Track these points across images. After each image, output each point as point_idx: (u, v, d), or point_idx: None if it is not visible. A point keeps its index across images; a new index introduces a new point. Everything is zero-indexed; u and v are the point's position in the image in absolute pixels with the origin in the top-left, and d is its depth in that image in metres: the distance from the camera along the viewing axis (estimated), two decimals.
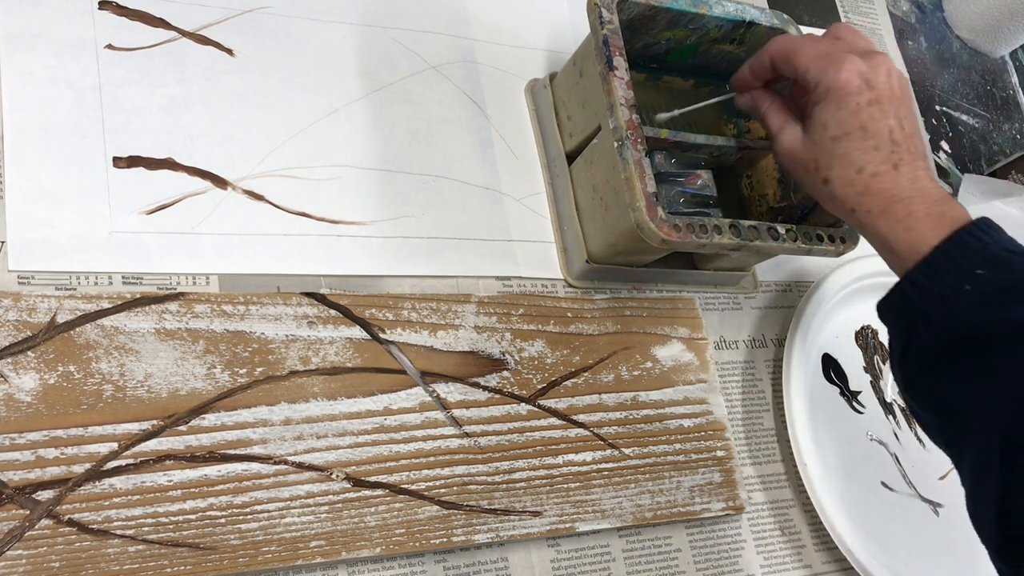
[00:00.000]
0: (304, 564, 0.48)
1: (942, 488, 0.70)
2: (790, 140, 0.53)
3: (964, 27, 0.95)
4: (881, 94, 0.50)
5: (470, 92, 0.64)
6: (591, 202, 0.60)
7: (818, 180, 0.51)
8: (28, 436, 0.45)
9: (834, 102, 0.50)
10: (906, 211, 0.48)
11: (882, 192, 0.49)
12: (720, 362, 0.66)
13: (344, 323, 0.53)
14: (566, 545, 0.56)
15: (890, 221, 0.49)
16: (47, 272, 0.48)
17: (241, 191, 0.54)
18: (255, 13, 0.59)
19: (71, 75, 0.52)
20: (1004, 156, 0.91)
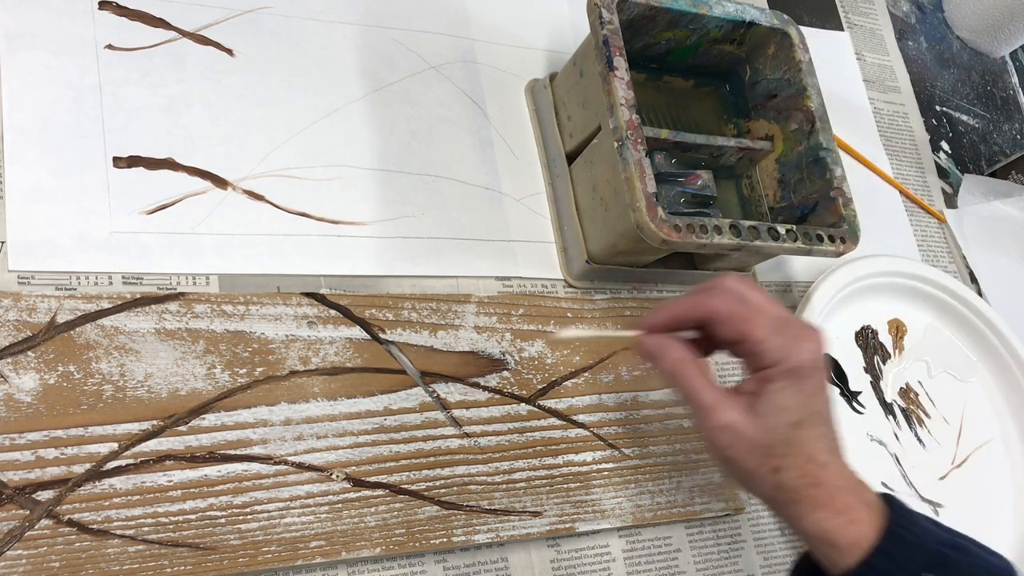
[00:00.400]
0: (304, 564, 0.48)
1: (942, 488, 0.70)
2: (735, 418, 0.46)
3: (964, 27, 0.95)
4: (823, 374, 0.47)
5: (470, 92, 0.64)
6: (591, 202, 0.60)
7: (765, 467, 0.46)
8: (28, 436, 0.45)
9: (797, 384, 0.45)
10: (846, 503, 0.46)
11: (828, 483, 0.45)
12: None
13: (344, 323, 0.53)
14: (566, 545, 0.56)
15: (834, 515, 0.45)
16: (47, 272, 0.48)
17: (241, 191, 0.54)
18: (255, 13, 0.59)
19: (71, 75, 0.52)
20: (1004, 156, 0.91)
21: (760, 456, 0.46)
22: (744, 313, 0.47)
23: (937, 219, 0.83)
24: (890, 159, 0.83)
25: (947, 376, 0.74)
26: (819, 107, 0.63)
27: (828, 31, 0.86)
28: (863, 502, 0.46)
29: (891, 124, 0.85)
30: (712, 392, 0.47)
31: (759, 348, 0.46)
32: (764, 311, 0.47)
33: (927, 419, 0.72)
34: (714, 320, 0.48)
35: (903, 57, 0.89)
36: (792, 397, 0.45)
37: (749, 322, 0.47)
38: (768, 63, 0.66)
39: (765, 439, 0.46)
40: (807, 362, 0.45)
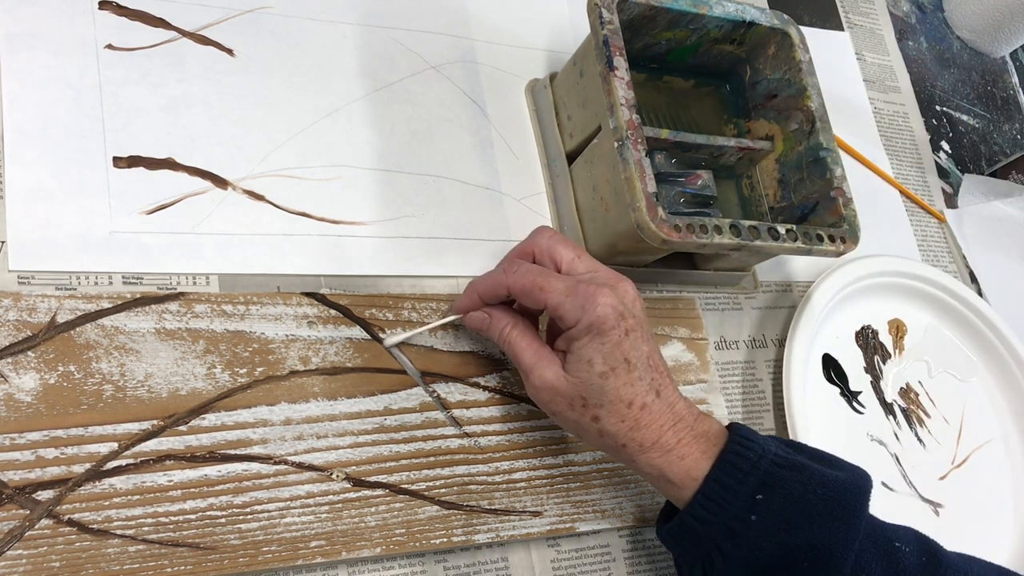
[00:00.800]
0: (304, 564, 0.48)
1: (942, 488, 0.70)
2: (551, 376, 0.49)
3: (964, 27, 0.95)
4: (632, 323, 0.49)
5: (470, 92, 0.64)
6: (591, 202, 0.60)
7: (586, 417, 0.49)
8: (28, 436, 0.45)
9: (598, 338, 0.48)
10: (676, 439, 0.49)
11: (651, 424, 0.49)
12: (720, 362, 0.66)
13: (344, 323, 0.53)
14: (566, 545, 0.56)
15: (663, 452, 0.48)
16: (47, 272, 0.48)
17: (241, 191, 0.54)
18: (255, 13, 0.59)
19: (71, 75, 0.52)
20: (1004, 156, 0.91)
21: (579, 408, 0.49)
22: (538, 283, 0.49)
23: (937, 219, 0.83)
24: (890, 159, 0.83)
25: (947, 376, 0.74)
26: (819, 107, 0.64)
27: (828, 31, 0.86)
28: (695, 435, 0.49)
29: (891, 124, 0.85)
30: (531, 353, 0.50)
31: (558, 313, 0.49)
32: (556, 277, 0.49)
33: (927, 419, 0.72)
34: (513, 296, 0.51)
35: (903, 57, 0.89)
36: (595, 350, 0.48)
37: (543, 291, 0.49)
38: (768, 63, 0.66)
39: (578, 391, 0.49)
40: (601, 316, 0.47)
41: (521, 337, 0.51)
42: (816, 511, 0.47)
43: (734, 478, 0.47)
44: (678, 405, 0.50)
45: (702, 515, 0.48)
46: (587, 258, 0.52)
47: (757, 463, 0.47)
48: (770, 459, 0.48)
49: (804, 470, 0.48)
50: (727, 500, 0.47)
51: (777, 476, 0.47)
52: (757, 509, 0.47)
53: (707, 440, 0.49)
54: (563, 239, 0.52)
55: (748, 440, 0.49)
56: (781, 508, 0.47)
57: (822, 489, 0.47)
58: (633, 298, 0.50)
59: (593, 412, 0.49)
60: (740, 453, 0.48)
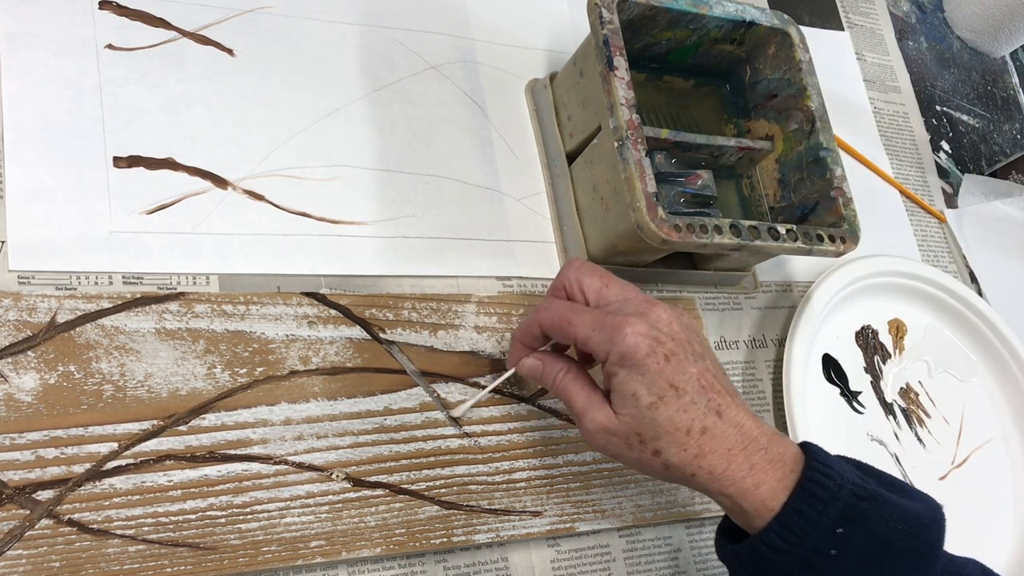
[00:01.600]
0: (304, 564, 0.48)
1: (942, 488, 0.70)
2: (603, 418, 0.47)
3: (964, 27, 0.95)
4: (672, 346, 0.46)
5: (470, 92, 0.64)
6: (591, 202, 0.60)
7: (647, 453, 0.47)
8: (28, 436, 0.45)
9: (635, 369, 0.46)
10: (748, 466, 0.46)
11: (717, 449, 0.46)
12: (720, 362, 0.66)
13: (344, 323, 0.53)
14: (566, 545, 0.56)
15: (735, 480, 0.46)
16: (47, 272, 0.48)
17: (241, 191, 0.54)
18: (255, 13, 0.59)
19: (71, 75, 0.52)
20: (1004, 156, 0.91)
21: (637, 446, 0.47)
22: (567, 317, 0.48)
23: (937, 219, 0.83)
24: (890, 159, 0.83)
25: (947, 376, 0.74)
26: (819, 107, 0.64)
27: (828, 31, 0.86)
28: (769, 460, 0.46)
29: (891, 124, 0.85)
30: (582, 398, 0.49)
31: (588, 348, 0.47)
32: (584, 310, 0.48)
33: (927, 419, 0.72)
34: (547, 332, 0.50)
35: (903, 57, 0.89)
36: (636, 383, 0.46)
37: (572, 326, 0.48)
38: (768, 63, 0.66)
39: (632, 429, 0.47)
40: (632, 346, 0.45)
41: (573, 382, 0.49)
42: (897, 547, 0.44)
43: (815, 509, 0.44)
44: (747, 424, 0.47)
45: (778, 545, 0.45)
46: (617, 285, 0.50)
47: (837, 493, 0.45)
48: (849, 489, 0.45)
49: (885, 504, 0.45)
50: (806, 532, 0.44)
51: (859, 509, 0.44)
52: (838, 543, 0.44)
53: (783, 465, 0.46)
54: (591, 269, 0.50)
55: (826, 466, 0.46)
56: (863, 543, 0.44)
57: (903, 525, 0.45)
58: (668, 321, 0.47)
59: (652, 447, 0.46)
60: (820, 482, 0.45)
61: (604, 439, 0.48)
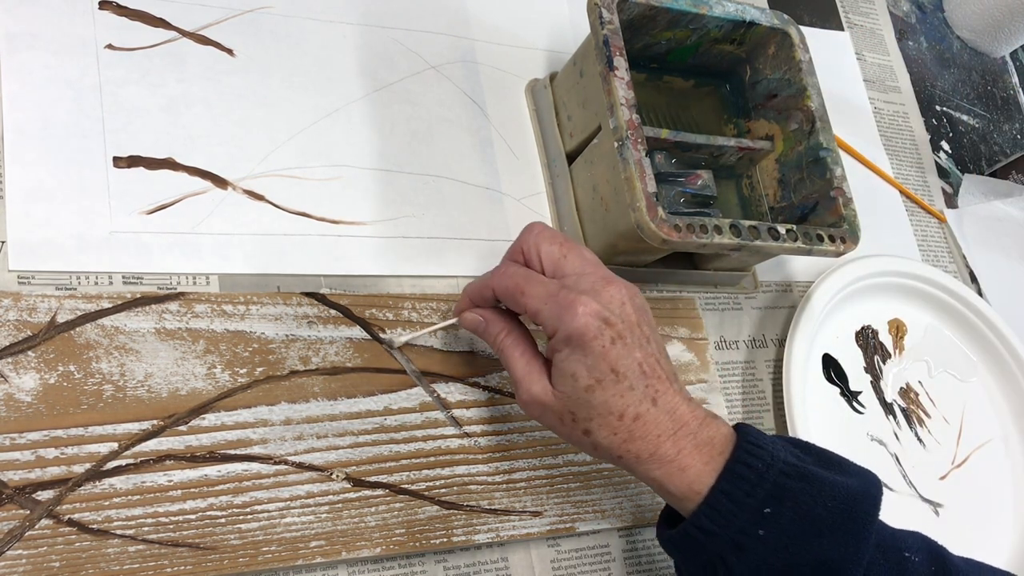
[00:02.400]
0: (304, 564, 0.48)
1: (942, 488, 0.70)
2: (539, 390, 0.47)
3: (964, 27, 0.95)
4: (621, 328, 0.46)
5: (470, 92, 0.64)
6: (591, 202, 0.60)
7: (577, 431, 0.47)
8: (28, 436, 0.45)
9: (579, 350, 0.45)
10: (675, 449, 0.46)
11: (647, 435, 0.46)
12: (720, 362, 0.66)
13: (344, 323, 0.53)
14: (566, 545, 0.56)
15: (661, 464, 0.46)
16: (47, 272, 0.48)
17: (241, 191, 0.54)
18: (255, 13, 0.59)
19: (71, 75, 0.52)
20: (1004, 156, 0.91)
21: (569, 423, 0.47)
22: (520, 286, 0.47)
23: (937, 219, 0.83)
24: (890, 159, 0.83)
25: (947, 376, 0.74)
26: (819, 107, 0.64)
27: (828, 31, 0.86)
28: (698, 443, 0.46)
29: (891, 124, 0.85)
30: (522, 365, 0.48)
31: (538, 321, 0.47)
32: (538, 281, 0.47)
33: (927, 419, 0.72)
34: (500, 297, 0.49)
35: (903, 57, 0.89)
36: (577, 363, 0.45)
37: (524, 295, 0.47)
38: (768, 63, 0.66)
39: (566, 406, 0.47)
40: (580, 327, 0.45)
41: (514, 346, 0.49)
42: (826, 525, 0.44)
43: (741, 490, 0.45)
44: (680, 409, 0.47)
45: (707, 527, 0.45)
46: (576, 255, 0.48)
47: (765, 473, 0.45)
48: (779, 468, 0.45)
49: (814, 480, 0.45)
50: (734, 513, 0.44)
51: (787, 488, 0.45)
52: (765, 523, 0.44)
53: (711, 448, 0.46)
54: (551, 235, 0.49)
55: (756, 447, 0.46)
56: (790, 522, 0.44)
57: (833, 501, 0.45)
58: (621, 302, 0.46)
59: (583, 426, 0.47)
60: (748, 463, 0.45)
61: (537, 411, 0.48)
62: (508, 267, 0.49)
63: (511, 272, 0.49)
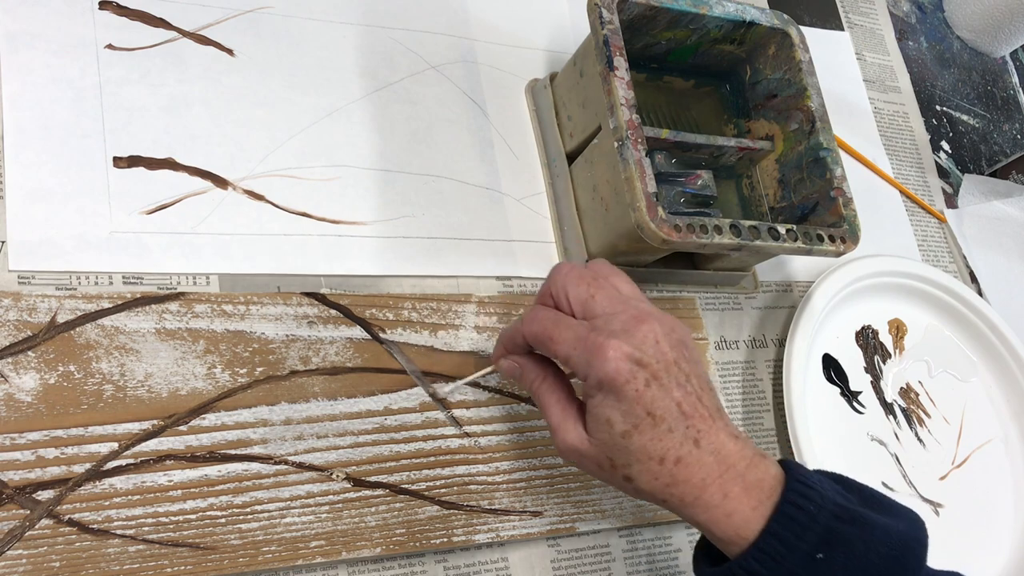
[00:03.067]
0: (304, 564, 0.48)
1: (942, 488, 0.70)
2: (575, 439, 0.46)
3: (964, 27, 0.95)
4: (656, 369, 0.44)
5: (470, 92, 0.64)
6: (591, 202, 0.60)
7: (618, 478, 0.45)
8: (28, 436, 0.45)
9: (612, 395, 0.44)
10: (722, 494, 0.44)
11: (691, 478, 0.44)
12: (720, 362, 0.66)
13: (344, 323, 0.53)
14: (566, 545, 0.56)
15: (707, 509, 0.44)
16: (47, 272, 0.48)
17: (241, 191, 0.54)
18: (255, 13, 0.59)
19: (71, 75, 0.52)
20: (1004, 156, 0.91)
21: (608, 469, 0.45)
22: (549, 332, 0.46)
23: (937, 219, 0.83)
24: (890, 159, 0.83)
25: (947, 376, 0.74)
26: (819, 107, 0.64)
27: (828, 31, 0.86)
28: (745, 487, 0.44)
29: (891, 124, 0.85)
30: (556, 412, 0.47)
31: (569, 367, 0.46)
32: (567, 325, 0.46)
33: (927, 419, 0.72)
34: (531, 343, 0.48)
35: (903, 57, 0.89)
36: (611, 410, 0.44)
37: (553, 342, 0.46)
38: (768, 63, 0.66)
39: (603, 454, 0.45)
40: (611, 373, 0.43)
41: (549, 393, 0.48)
42: (876, 571, 0.43)
43: (793, 533, 0.43)
44: (726, 450, 0.45)
45: (755, 569, 0.43)
46: (605, 295, 0.46)
47: (817, 516, 0.43)
48: (830, 511, 0.43)
49: (866, 525, 0.43)
50: (784, 557, 0.43)
51: (839, 533, 0.43)
52: (817, 569, 0.42)
53: (760, 491, 0.44)
54: (579, 276, 0.47)
55: (806, 487, 0.44)
56: (843, 570, 0.42)
57: (884, 548, 0.43)
58: (656, 340, 0.44)
59: (623, 472, 0.45)
60: (799, 505, 0.43)
61: (575, 458, 0.47)
62: (537, 312, 0.48)
63: (540, 317, 0.47)
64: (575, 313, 0.47)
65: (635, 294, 0.48)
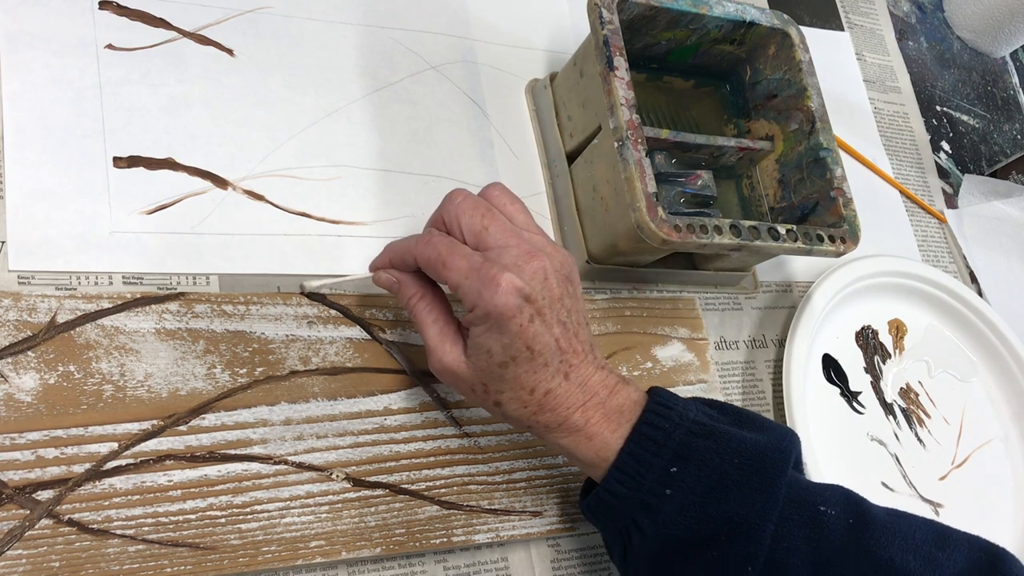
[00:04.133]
0: (304, 564, 0.48)
1: (942, 488, 0.70)
2: (452, 360, 0.47)
3: (964, 27, 0.95)
4: (541, 305, 0.45)
5: (470, 92, 0.64)
6: (591, 202, 0.60)
7: (489, 401, 0.47)
8: (28, 436, 0.45)
9: (496, 327, 0.44)
10: (584, 419, 0.46)
11: (557, 407, 0.46)
12: (720, 362, 0.66)
13: (344, 323, 0.53)
14: (566, 545, 0.56)
15: (569, 433, 0.46)
16: (47, 272, 0.48)
17: (241, 191, 0.54)
18: (255, 13, 0.59)
19: (71, 75, 0.52)
20: (1004, 156, 0.91)
21: (480, 392, 0.47)
22: (443, 258, 0.46)
23: (937, 219, 0.83)
24: (890, 159, 0.83)
25: (947, 376, 0.74)
26: (819, 107, 0.64)
27: (828, 31, 0.86)
28: (607, 412, 0.46)
29: (891, 124, 0.85)
30: (435, 332, 0.48)
31: (458, 293, 0.45)
32: (461, 254, 0.45)
33: (927, 419, 0.72)
34: (421, 266, 0.47)
35: (903, 57, 0.89)
36: (494, 340, 0.45)
37: (446, 268, 0.45)
38: (768, 63, 0.66)
39: (478, 378, 0.46)
40: (500, 306, 0.44)
41: (428, 311, 0.48)
42: (732, 482, 0.44)
43: (648, 451, 0.45)
44: (591, 380, 0.47)
45: (617, 490, 0.46)
46: (498, 226, 0.46)
47: (672, 433, 0.45)
48: (686, 428, 0.45)
49: (721, 438, 0.45)
50: (641, 474, 0.45)
51: (692, 446, 0.45)
52: (672, 482, 0.44)
53: (620, 415, 0.46)
54: (473, 205, 0.47)
55: (665, 407, 0.46)
56: (696, 480, 0.44)
57: (739, 458, 0.45)
58: (544, 276, 0.45)
59: (495, 397, 0.47)
60: (655, 424, 0.46)
61: (449, 379, 0.48)
62: (432, 235, 0.47)
63: (435, 242, 0.46)
64: (467, 242, 0.47)
65: (528, 224, 0.48)
